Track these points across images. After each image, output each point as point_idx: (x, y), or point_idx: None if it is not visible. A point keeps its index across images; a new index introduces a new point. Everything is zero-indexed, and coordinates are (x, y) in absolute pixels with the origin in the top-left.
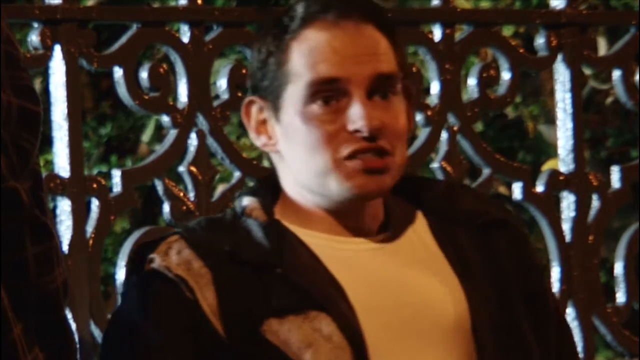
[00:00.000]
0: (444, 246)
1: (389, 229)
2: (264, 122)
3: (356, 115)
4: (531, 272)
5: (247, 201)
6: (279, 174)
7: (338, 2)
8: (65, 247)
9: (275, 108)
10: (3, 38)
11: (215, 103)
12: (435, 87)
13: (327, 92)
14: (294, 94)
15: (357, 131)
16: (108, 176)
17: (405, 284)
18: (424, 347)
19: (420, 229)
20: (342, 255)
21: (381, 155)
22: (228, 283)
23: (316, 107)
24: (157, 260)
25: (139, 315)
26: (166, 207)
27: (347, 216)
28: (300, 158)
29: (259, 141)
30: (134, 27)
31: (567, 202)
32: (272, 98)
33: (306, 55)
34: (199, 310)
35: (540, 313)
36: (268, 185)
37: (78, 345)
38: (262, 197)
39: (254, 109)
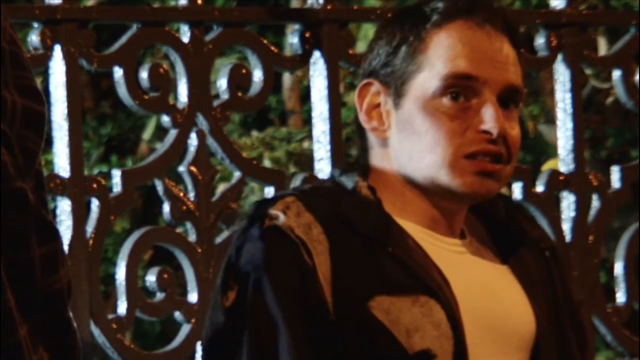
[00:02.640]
0: (513, 265)
1: (467, 237)
2: (377, 107)
3: (489, 116)
4: (574, 304)
5: (357, 178)
6: (376, 160)
7: (482, 6)
8: (65, 247)
9: (397, 94)
10: (7, 38)
11: (215, 103)
12: None
13: (459, 88)
14: (422, 84)
15: (486, 132)
16: (108, 176)
17: (492, 291)
18: (505, 353)
19: (489, 244)
20: (438, 250)
21: (497, 162)
22: (343, 253)
23: (445, 101)
24: (280, 218)
25: (258, 268)
26: (166, 207)
27: (441, 214)
28: (415, 148)
29: (368, 124)
30: (134, 27)
31: (567, 202)
32: (396, 84)
33: (446, 47)
34: (314, 275)
35: (582, 346)
36: (362, 169)
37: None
38: (365, 179)
39: (371, 91)
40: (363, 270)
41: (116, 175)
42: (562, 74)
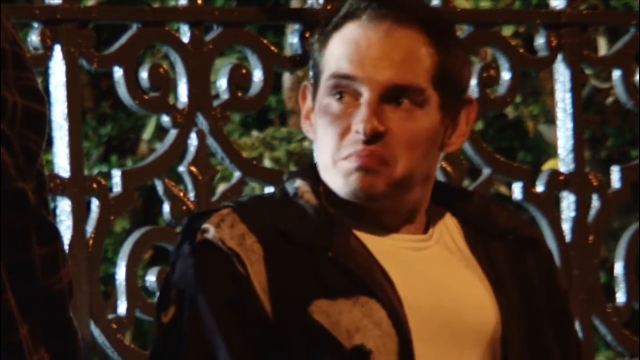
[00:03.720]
0: (478, 256)
1: (428, 233)
2: (312, 110)
3: (359, 117)
4: (557, 292)
5: (299, 183)
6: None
7: (380, 1)
8: (65, 247)
9: (313, 96)
10: (9, 38)
11: (215, 103)
12: None
13: (343, 88)
14: (321, 86)
15: (357, 132)
16: (108, 176)
17: (444, 286)
18: (459, 350)
19: (456, 237)
20: (386, 249)
21: (378, 160)
22: (279, 261)
23: (333, 102)
24: (211, 231)
25: (191, 285)
26: (166, 207)
27: (375, 210)
28: (317, 150)
29: (303, 127)
30: (134, 27)
31: (567, 202)
32: (314, 86)
33: (335, 49)
34: (249, 285)
35: (564, 333)
36: (312, 172)
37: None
38: (311, 182)
39: (309, 95)
40: (301, 276)
41: (116, 175)
42: (562, 74)
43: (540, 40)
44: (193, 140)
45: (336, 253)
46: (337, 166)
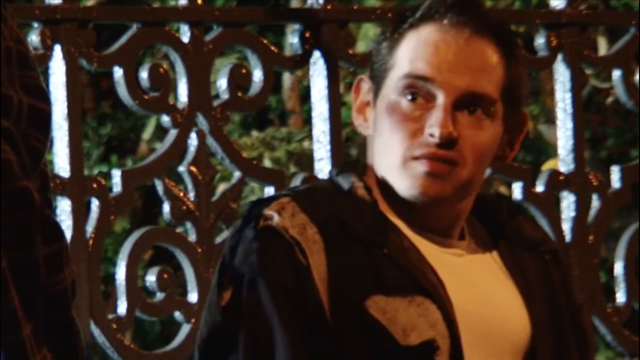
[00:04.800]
0: (509, 266)
1: (465, 240)
2: (367, 104)
3: (433, 120)
4: (576, 307)
5: (354, 179)
6: (370, 158)
7: (461, 7)
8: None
9: (376, 92)
10: (14, 37)
11: (215, 103)
12: None
13: (417, 89)
14: (391, 83)
15: (431, 135)
16: (108, 176)
17: (486, 294)
18: (498, 358)
19: (490, 246)
20: (433, 252)
21: (449, 165)
22: (338, 253)
23: (404, 101)
24: (275, 218)
25: (253, 269)
26: (166, 207)
27: (425, 214)
28: (379, 147)
29: (355, 120)
30: (134, 27)
31: (567, 202)
32: (377, 82)
33: (412, 48)
34: (309, 275)
35: (583, 348)
36: (359, 168)
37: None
38: (362, 178)
39: (364, 88)
40: (359, 270)
41: (116, 175)
42: (562, 74)
43: (540, 40)
44: (193, 140)
45: (391, 250)
46: (406, 166)
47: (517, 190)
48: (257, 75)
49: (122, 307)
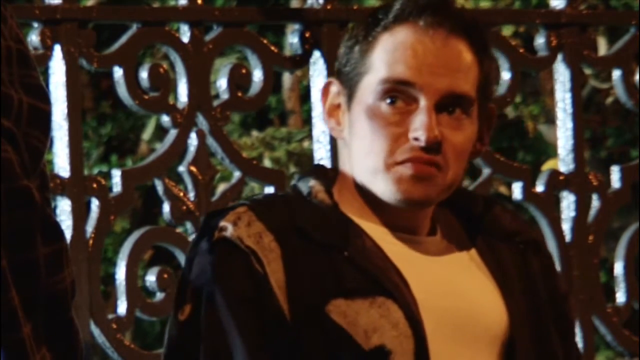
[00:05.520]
0: (485, 258)
1: (437, 235)
2: (338, 107)
3: (418, 124)
4: (557, 295)
5: (313, 182)
6: (340, 161)
7: (435, 8)
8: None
9: (349, 96)
10: (14, 37)
11: (215, 103)
12: None
13: (397, 93)
14: (367, 86)
15: (416, 139)
16: (108, 176)
17: (456, 288)
18: (472, 351)
19: (462, 238)
20: (398, 250)
21: (434, 167)
22: (296, 260)
23: (384, 105)
24: (229, 229)
25: (209, 282)
26: (166, 207)
27: (399, 215)
28: (358, 151)
29: (327, 124)
30: (134, 27)
31: (567, 202)
32: (349, 85)
33: (388, 51)
34: (266, 284)
35: (565, 335)
36: (324, 171)
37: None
38: (323, 182)
39: (332, 91)
40: (318, 275)
41: (116, 175)
42: (562, 74)
43: (540, 40)
44: (193, 140)
45: (352, 253)
46: (390, 171)
47: (517, 190)
48: (257, 75)
49: (122, 307)
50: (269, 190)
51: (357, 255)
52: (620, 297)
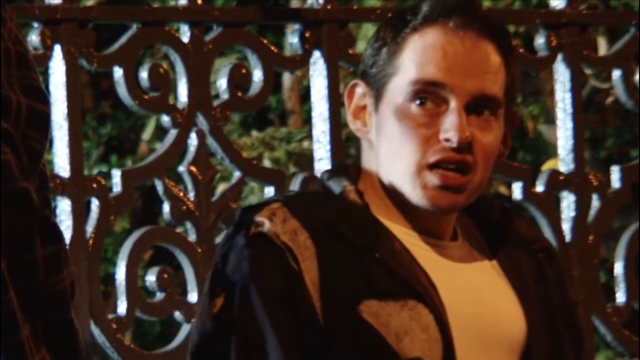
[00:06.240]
0: (505, 267)
1: (458, 240)
2: (363, 108)
3: (449, 125)
4: (570, 305)
5: (345, 183)
6: (365, 162)
7: (464, 10)
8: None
9: (377, 97)
10: (13, 38)
11: (215, 103)
12: None
13: (427, 94)
14: (396, 88)
15: (447, 140)
16: (108, 176)
17: (480, 294)
18: (493, 358)
19: (483, 245)
20: (426, 254)
21: (463, 172)
22: (330, 258)
23: (414, 107)
24: (266, 225)
25: (244, 276)
26: (166, 207)
27: (425, 219)
28: (386, 153)
29: (353, 125)
30: (134, 27)
31: (567, 202)
32: (376, 87)
33: (418, 53)
34: (301, 281)
35: (577, 345)
36: (353, 172)
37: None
38: (354, 182)
39: (358, 93)
40: (351, 275)
41: (116, 175)
42: (562, 74)
43: (540, 40)
44: (193, 140)
45: (383, 254)
46: (419, 175)
47: (517, 190)
48: (257, 75)
49: (122, 307)
50: (269, 190)
51: (388, 257)
52: (620, 297)
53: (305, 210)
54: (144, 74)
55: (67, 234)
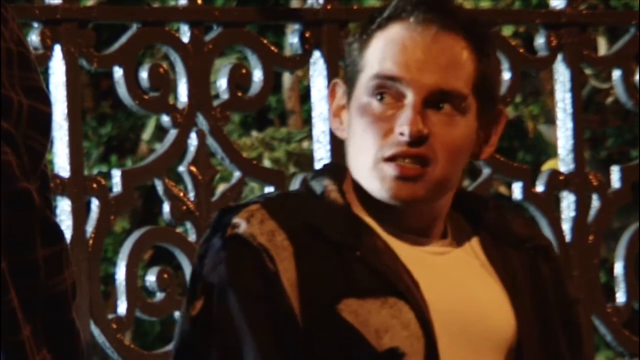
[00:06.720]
0: (495, 262)
1: (447, 238)
2: (343, 107)
3: (403, 119)
4: (568, 302)
5: (327, 182)
6: (348, 160)
7: (427, 6)
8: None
9: (349, 95)
10: (15, 39)
11: (215, 103)
12: None
13: (386, 89)
14: (362, 84)
15: (401, 134)
16: (108, 176)
17: (465, 291)
18: (478, 354)
19: (473, 243)
20: (409, 252)
21: (421, 164)
22: (308, 258)
23: (374, 102)
24: (242, 226)
25: (221, 278)
26: (166, 207)
27: (405, 215)
28: (353, 149)
29: (333, 124)
30: (134, 27)
31: (567, 202)
32: (349, 84)
33: (380, 48)
34: (278, 282)
35: (574, 343)
36: (338, 171)
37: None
38: (336, 181)
39: (338, 92)
40: (330, 274)
41: (116, 175)
42: (562, 74)
43: (540, 40)
44: (193, 140)
45: (364, 252)
46: (376, 168)
47: (517, 190)
48: (257, 75)
49: (122, 307)
50: (269, 190)
51: (369, 255)
52: (620, 297)
53: (284, 211)
54: (144, 74)
55: (67, 234)
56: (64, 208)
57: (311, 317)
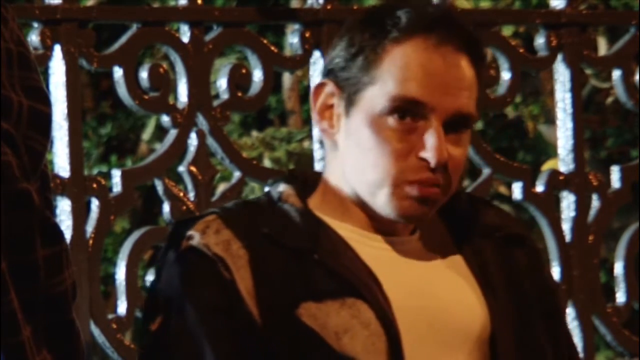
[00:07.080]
0: (466, 255)
1: (416, 234)
2: (330, 107)
3: (430, 145)
4: (547, 291)
5: (283, 187)
6: (327, 161)
7: (443, 23)
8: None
9: (349, 102)
10: (15, 39)
11: (215, 103)
12: None
13: (406, 110)
14: (372, 98)
15: (425, 160)
16: (108, 176)
17: (431, 287)
18: (447, 350)
19: (443, 237)
20: (374, 251)
21: (438, 186)
22: (265, 265)
23: (392, 120)
24: (196, 238)
25: (177, 292)
26: (166, 207)
27: (380, 218)
28: (359, 162)
29: (319, 124)
30: (134, 27)
31: (567, 202)
32: (349, 91)
33: (399, 67)
34: (235, 290)
35: (556, 331)
36: (303, 175)
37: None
38: (296, 185)
39: (325, 92)
40: (288, 279)
41: (116, 175)
42: (562, 74)
43: (540, 40)
44: (193, 140)
45: (322, 255)
46: (398, 188)
47: (517, 190)
48: (257, 75)
49: (122, 307)
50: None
51: (327, 257)
52: (620, 297)
53: (241, 220)
54: (144, 74)
55: (67, 234)
56: (64, 208)
57: (271, 324)
